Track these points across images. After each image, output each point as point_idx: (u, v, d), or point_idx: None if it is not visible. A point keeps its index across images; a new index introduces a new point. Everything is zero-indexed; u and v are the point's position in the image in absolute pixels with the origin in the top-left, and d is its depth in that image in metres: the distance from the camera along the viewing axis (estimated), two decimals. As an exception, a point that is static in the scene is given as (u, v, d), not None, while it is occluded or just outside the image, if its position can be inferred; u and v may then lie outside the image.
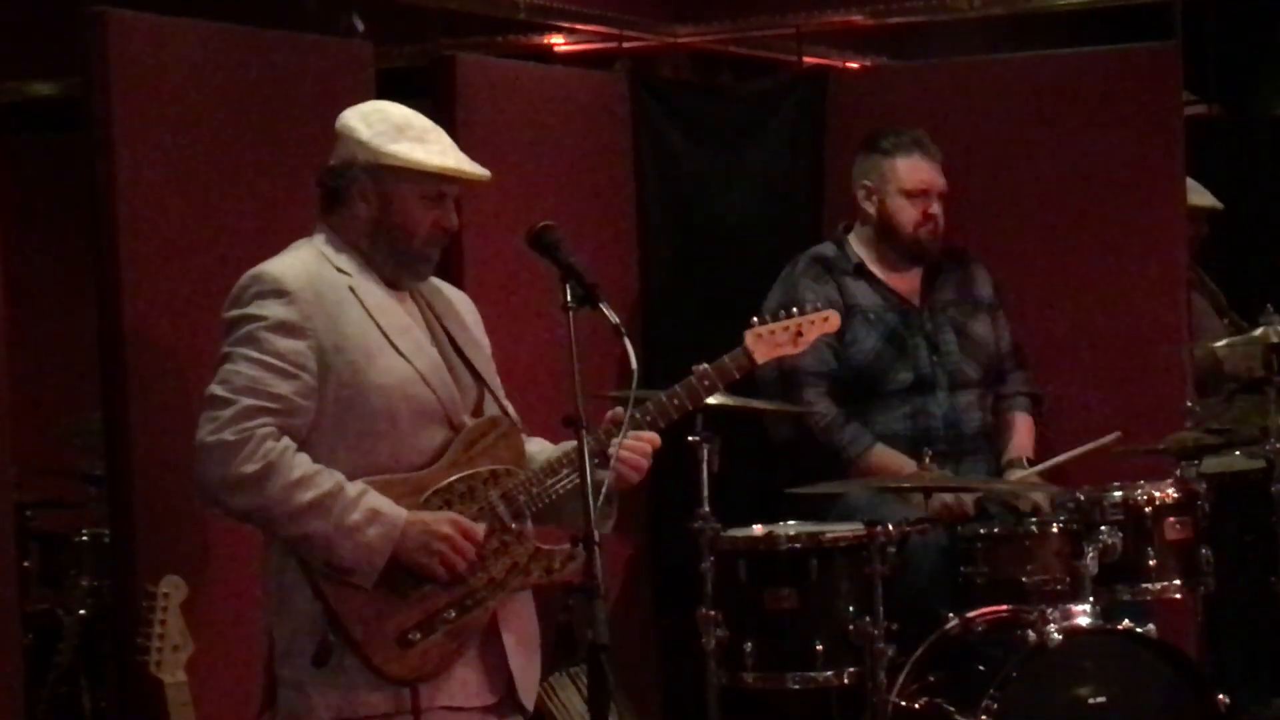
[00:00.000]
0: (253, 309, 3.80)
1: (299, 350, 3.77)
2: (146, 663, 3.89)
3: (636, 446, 3.96)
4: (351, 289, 3.86)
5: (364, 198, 3.89)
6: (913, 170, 5.58)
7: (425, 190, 3.89)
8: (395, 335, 3.86)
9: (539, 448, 4.06)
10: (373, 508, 3.74)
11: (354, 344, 3.82)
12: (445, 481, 3.84)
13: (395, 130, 3.88)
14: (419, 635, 3.77)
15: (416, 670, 3.78)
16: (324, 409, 3.80)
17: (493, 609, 3.86)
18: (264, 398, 3.73)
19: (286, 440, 3.74)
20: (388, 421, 3.82)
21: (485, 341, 4.11)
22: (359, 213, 3.90)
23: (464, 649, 3.83)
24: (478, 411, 3.97)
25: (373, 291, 3.88)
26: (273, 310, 3.78)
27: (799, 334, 4.26)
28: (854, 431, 5.43)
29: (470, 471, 3.87)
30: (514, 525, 3.88)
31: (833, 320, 4.34)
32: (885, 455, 5.41)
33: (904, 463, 5.35)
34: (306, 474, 3.73)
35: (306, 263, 3.87)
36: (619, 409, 3.95)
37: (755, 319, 4.25)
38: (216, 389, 3.77)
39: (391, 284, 3.94)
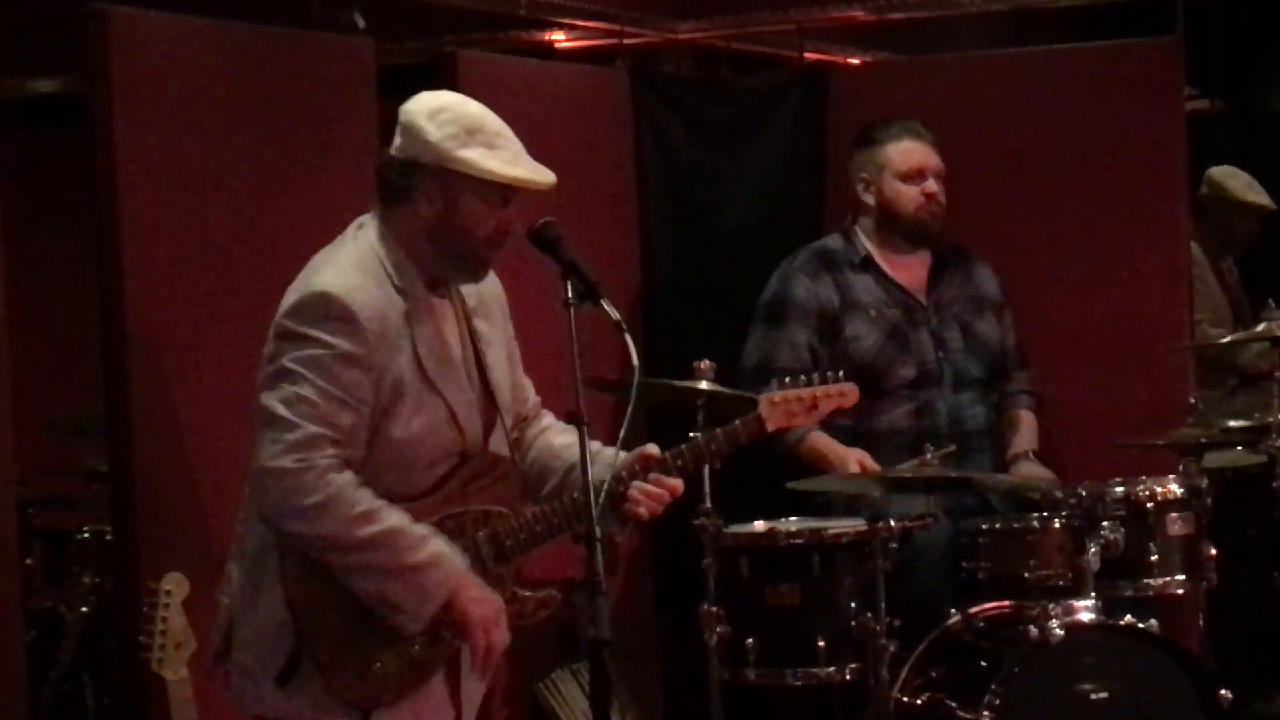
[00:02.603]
0: (320, 333, 3.70)
1: (361, 383, 3.71)
2: (149, 660, 3.89)
3: (655, 493, 3.91)
4: (407, 315, 3.78)
5: (428, 198, 3.79)
6: (905, 153, 5.58)
7: (491, 196, 3.80)
8: (434, 371, 3.80)
9: (564, 442, 4.00)
10: (439, 551, 3.73)
11: (400, 379, 3.76)
12: (435, 517, 3.81)
13: (465, 133, 3.77)
14: (381, 665, 3.76)
15: (374, 697, 3.76)
16: None
17: (458, 646, 3.84)
18: (329, 427, 3.67)
19: (349, 473, 3.69)
20: (409, 458, 3.79)
21: (510, 329, 4.05)
22: (421, 212, 3.80)
23: (423, 681, 3.82)
24: (488, 437, 3.92)
25: (421, 316, 3.80)
26: (340, 341, 3.69)
27: (814, 406, 4.21)
28: None
29: (462, 509, 3.84)
30: (494, 567, 3.86)
31: (850, 396, 4.29)
32: (819, 440, 5.38)
33: (836, 447, 5.33)
34: (371, 509, 3.69)
35: (371, 286, 3.76)
36: (651, 447, 3.94)
37: (774, 380, 4.23)
38: (280, 409, 3.68)
39: (437, 285, 3.87)
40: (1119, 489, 5.11)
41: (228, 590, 3.86)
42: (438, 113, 3.80)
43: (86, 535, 5.81)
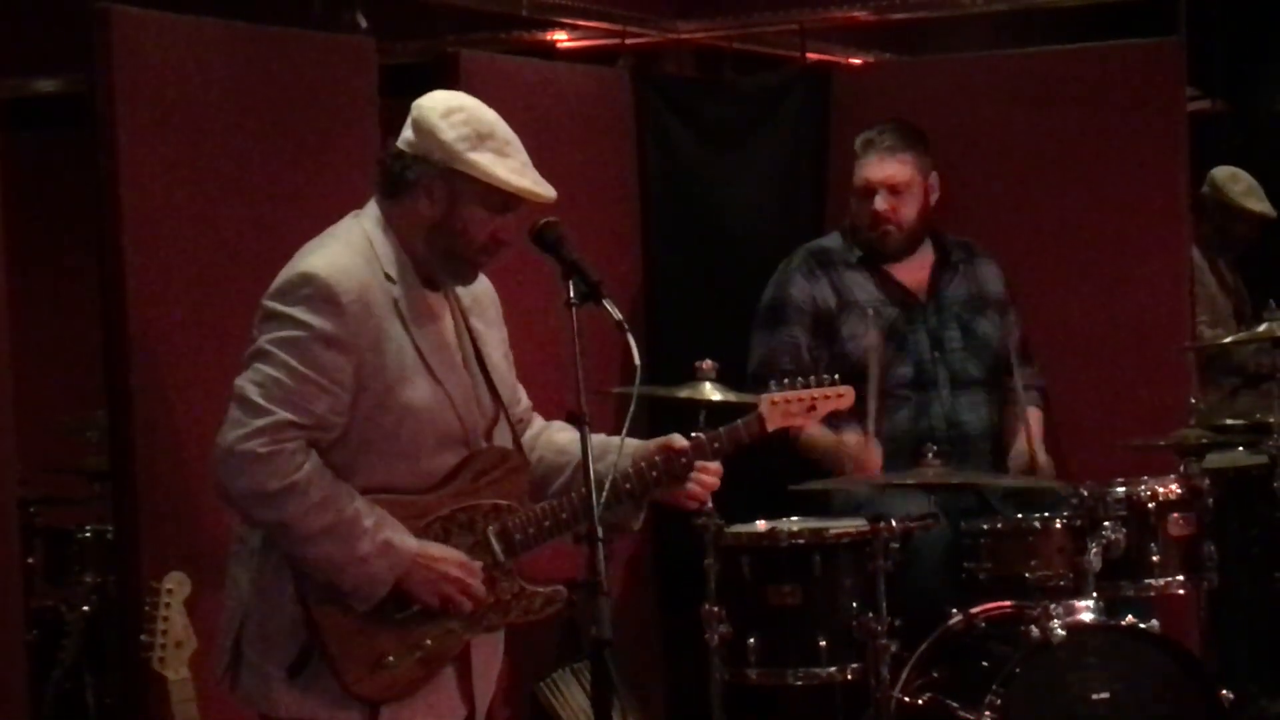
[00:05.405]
0: (301, 314, 3.70)
1: (340, 366, 3.70)
2: (150, 659, 3.88)
3: (706, 481, 4.04)
4: (396, 302, 3.78)
5: (430, 195, 3.80)
6: (860, 169, 5.57)
7: (493, 202, 3.80)
8: (430, 356, 3.80)
9: (569, 438, 4.02)
10: (385, 540, 3.72)
11: (391, 363, 3.76)
12: (447, 510, 3.82)
13: (477, 137, 3.77)
14: (393, 660, 3.77)
15: (383, 693, 3.77)
16: (352, 423, 3.75)
17: (467, 641, 3.85)
18: (300, 413, 3.67)
19: (313, 458, 3.70)
20: (411, 444, 3.79)
21: (504, 332, 4.06)
22: (421, 209, 3.81)
23: (432, 676, 3.82)
24: (491, 431, 3.93)
25: (415, 305, 3.81)
26: (321, 322, 3.69)
27: (812, 407, 4.23)
28: None
29: (473, 503, 3.85)
30: (504, 561, 3.86)
31: (847, 398, 4.30)
32: (814, 429, 5.38)
33: (829, 434, 5.32)
34: (327, 496, 3.69)
35: (359, 267, 3.77)
36: (676, 437, 4.00)
37: (773, 382, 4.24)
38: (251, 392, 3.68)
39: (432, 283, 3.88)
40: (1120, 489, 5.12)
41: (233, 594, 3.85)
42: (452, 113, 3.80)
43: (88, 534, 5.81)
